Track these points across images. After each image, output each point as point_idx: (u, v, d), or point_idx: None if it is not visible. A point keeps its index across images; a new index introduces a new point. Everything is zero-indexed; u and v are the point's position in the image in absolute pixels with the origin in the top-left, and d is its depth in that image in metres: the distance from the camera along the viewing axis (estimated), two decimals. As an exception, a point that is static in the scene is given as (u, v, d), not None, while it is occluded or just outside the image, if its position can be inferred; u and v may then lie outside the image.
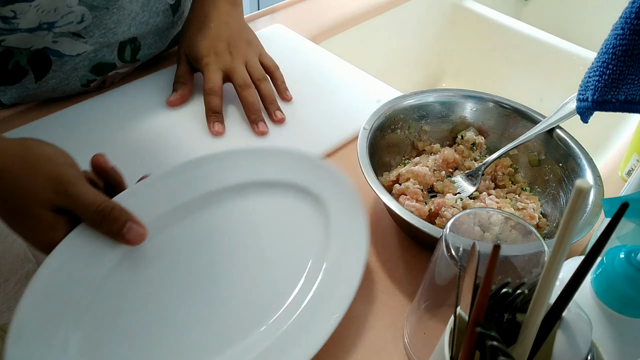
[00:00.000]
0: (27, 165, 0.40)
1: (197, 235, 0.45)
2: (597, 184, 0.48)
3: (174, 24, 0.71)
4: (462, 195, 0.53)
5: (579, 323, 0.28)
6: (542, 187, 0.55)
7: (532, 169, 0.56)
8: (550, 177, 0.54)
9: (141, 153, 0.59)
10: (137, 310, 0.41)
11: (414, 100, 0.58)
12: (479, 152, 0.58)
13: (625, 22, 0.40)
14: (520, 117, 0.57)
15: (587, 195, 0.22)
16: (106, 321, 0.40)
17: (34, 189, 0.40)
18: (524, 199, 0.53)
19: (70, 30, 0.57)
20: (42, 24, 0.55)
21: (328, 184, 0.49)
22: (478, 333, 0.25)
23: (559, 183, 0.53)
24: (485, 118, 0.59)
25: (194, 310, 0.41)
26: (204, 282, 0.43)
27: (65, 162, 0.42)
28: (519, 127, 0.57)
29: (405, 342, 0.44)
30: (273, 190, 0.49)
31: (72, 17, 0.56)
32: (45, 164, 0.41)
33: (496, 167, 0.57)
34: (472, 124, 0.59)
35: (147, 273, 0.42)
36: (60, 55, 0.60)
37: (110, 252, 0.41)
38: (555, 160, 0.54)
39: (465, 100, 0.59)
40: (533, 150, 0.56)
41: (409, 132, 0.58)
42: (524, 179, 0.56)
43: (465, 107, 0.59)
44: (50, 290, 0.39)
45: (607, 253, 0.33)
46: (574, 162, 0.52)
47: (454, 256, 0.34)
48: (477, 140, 0.58)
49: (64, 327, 0.38)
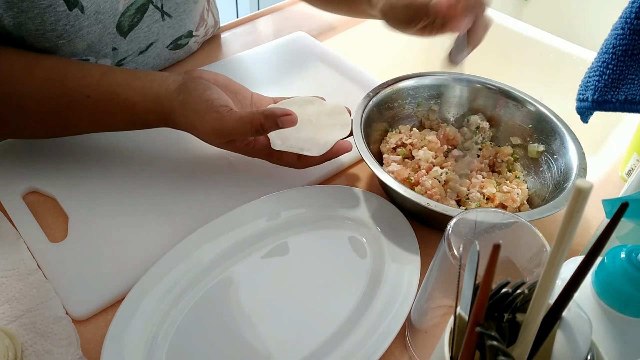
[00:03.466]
0: (188, 112, 0.51)
1: (264, 266, 0.50)
2: (579, 175, 0.51)
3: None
4: (447, 169, 0.55)
5: (579, 323, 0.28)
6: (535, 177, 0.57)
7: (532, 160, 0.58)
8: (545, 168, 0.57)
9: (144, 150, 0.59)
10: (214, 332, 0.44)
11: (428, 80, 0.61)
12: (481, 136, 0.60)
13: (625, 22, 0.40)
14: (521, 106, 0.60)
15: (587, 195, 0.22)
16: (189, 340, 0.44)
17: (202, 132, 0.51)
18: (512, 184, 0.55)
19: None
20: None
21: (381, 217, 0.53)
22: (478, 333, 0.25)
23: (549, 171, 0.56)
24: (491, 105, 0.62)
25: (264, 335, 0.44)
26: (272, 308, 0.46)
27: (214, 104, 0.50)
28: (522, 115, 0.60)
29: (407, 341, 0.44)
30: (327, 225, 0.53)
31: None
32: (200, 108, 0.50)
33: (497, 154, 0.59)
34: (484, 111, 0.62)
35: (222, 302, 0.46)
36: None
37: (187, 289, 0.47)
38: (550, 152, 0.57)
39: (477, 87, 0.62)
40: (534, 142, 0.58)
41: (417, 110, 0.62)
42: (522, 168, 0.59)
43: (478, 95, 0.62)
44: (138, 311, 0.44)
45: (608, 253, 0.33)
46: (564, 151, 0.55)
47: (456, 255, 0.34)
48: (481, 125, 0.60)
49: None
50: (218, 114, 0.49)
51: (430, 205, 0.47)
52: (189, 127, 0.52)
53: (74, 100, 0.52)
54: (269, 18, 0.88)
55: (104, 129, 0.56)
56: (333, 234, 0.52)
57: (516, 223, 0.37)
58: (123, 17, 0.60)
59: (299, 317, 0.45)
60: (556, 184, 0.53)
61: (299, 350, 0.43)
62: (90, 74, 0.52)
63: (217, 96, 0.51)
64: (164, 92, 0.52)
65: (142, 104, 0.52)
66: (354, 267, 0.49)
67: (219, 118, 0.49)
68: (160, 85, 0.52)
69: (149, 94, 0.52)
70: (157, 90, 0.52)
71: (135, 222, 0.52)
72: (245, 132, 0.49)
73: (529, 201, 0.55)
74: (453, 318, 0.29)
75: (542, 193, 0.55)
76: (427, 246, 0.51)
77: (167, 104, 0.52)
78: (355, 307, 0.46)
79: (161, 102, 0.52)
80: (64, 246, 0.50)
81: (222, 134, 0.50)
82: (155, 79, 0.53)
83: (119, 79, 0.52)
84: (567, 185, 0.50)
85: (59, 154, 0.59)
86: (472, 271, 0.27)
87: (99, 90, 0.52)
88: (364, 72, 0.74)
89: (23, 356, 0.41)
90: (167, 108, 0.52)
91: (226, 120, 0.49)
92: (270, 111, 0.49)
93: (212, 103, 0.50)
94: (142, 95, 0.52)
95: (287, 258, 0.50)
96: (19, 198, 0.54)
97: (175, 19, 0.67)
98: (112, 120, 0.54)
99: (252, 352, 0.43)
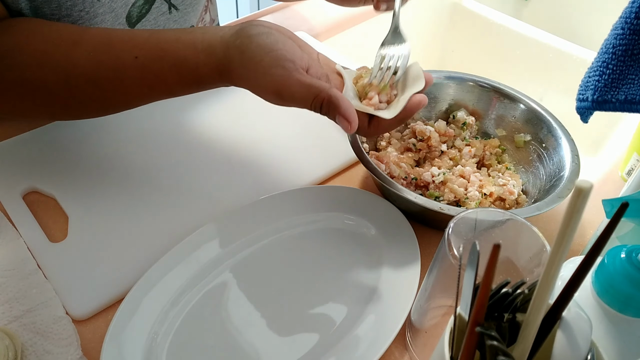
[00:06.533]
0: (246, 59, 0.44)
1: (268, 263, 0.50)
2: (574, 162, 0.52)
3: None
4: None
5: (579, 323, 0.28)
6: (526, 167, 0.58)
7: (518, 150, 0.59)
8: (534, 157, 0.58)
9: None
10: (214, 332, 0.44)
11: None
12: (469, 131, 0.61)
13: (625, 22, 0.40)
14: (503, 97, 0.61)
15: (588, 195, 0.22)
16: (188, 340, 0.44)
17: (260, 88, 0.44)
18: (506, 176, 0.56)
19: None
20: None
21: (382, 217, 0.53)
22: (478, 333, 0.25)
23: (540, 161, 0.56)
24: (473, 99, 0.62)
25: (266, 332, 0.44)
26: (272, 308, 0.46)
27: (280, 57, 0.43)
28: (505, 108, 0.61)
29: (407, 341, 0.44)
30: (326, 225, 0.53)
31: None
32: (263, 57, 0.43)
33: (485, 147, 0.60)
34: (465, 105, 0.63)
35: (222, 302, 0.46)
36: None
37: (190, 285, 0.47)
38: (538, 142, 0.58)
39: (449, 81, 0.62)
40: (519, 132, 0.59)
41: None
42: (510, 159, 0.60)
43: (454, 89, 0.63)
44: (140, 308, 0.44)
45: (608, 253, 0.33)
46: (553, 140, 0.56)
47: (456, 255, 0.34)
48: (467, 120, 0.61)
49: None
50: (285, 71, 0.43)
51: (430, 206, 0.47)
52: (245, 79, 0.45)
53: (122, 64, 0.48)
54: (269, 18, 0.88)
55: (155, 95, 0.50)
56: (333, 234, 0.52)
57: (516, 223, 0.37)
58: (133, 7, 0.60)
59: (298, 317, 0.45)
60: (550, 174, 0.54)
61: (298, 350, 0.43)
62: (138, 35, 0.48)
63: (282, 46, 0.44)
64: (219, 40, 0.46)
65: (193, 58, 0.46)
66: (353, 267, 0.49)
67: (286, 76, 0.42)
68: (213, 35, 0.46)
69: (201, 45, 0.46)
70: (210, 41, 0.46)
71: (135, 222, 0.52)
72: (305, 103, 0.44)
73: (524, 192, 0.56)
74: (453, 318, 0.29)
75: (536, 183, 0.56)
76: (427, 246, 0.51)
77: (221, 52, 0.45)
78: (355, 307, 0.46)
79: (214, 51, 0.45)
80: (64, 246, 0.50)
81: (283, 96, 0.43)
82: (208, 31, 0.47)
83: (167, 36, 0.48)
84: (564, 173, 0.51)
85: (59, 154, 0.59)
86: (472, 271, 0.27)
87: (146, 50, 0.47)
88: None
89: (23, 356, 0.41)
90: (221, 56, 0.45)
91: (293, 81, 0.42)
92: (337, 100, 0.43)
93: (277, 54, 0.43)
94: (192, 48, 0.46)
95: (287, 258, 0.50)
96: (19, 198, 0.54)
97: (182, 12, 0.67)
98: (162, 83, 0.48)
99: (252, 352, 0.43)
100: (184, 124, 0.63)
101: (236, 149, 0.61)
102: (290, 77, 0.42)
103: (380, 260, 0.49)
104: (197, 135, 0.63)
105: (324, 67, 0.49)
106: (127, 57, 0.47)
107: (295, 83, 0.42)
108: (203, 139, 0.62)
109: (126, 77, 0.48)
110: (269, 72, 0.43)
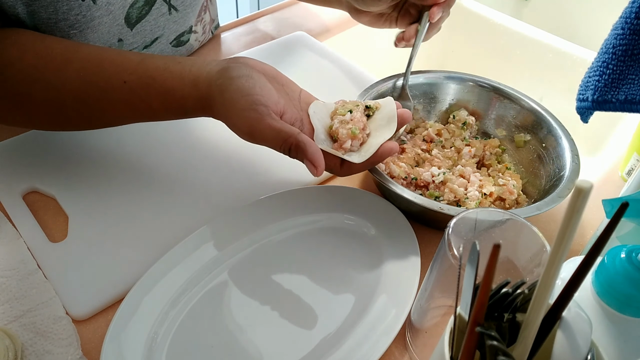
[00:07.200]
0: (225, 99, 0.46)
1: (270, 262, 0.50)
2: (574, 162, 0.52)
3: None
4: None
5: (579, 323, 0.28)
6: (526, 167, 0.58)
7: (518, 150, 0.59)
8: (534, 157, 0.58)
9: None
10: (214, 332, 0.44)
11: (404, 81, 0.62)
12: (469, 131, 0.61)
13: (625, 22, 0.40)
14: (503, 97, 0.61)
15: (588, 195, 0.22)
16: (188, 340, 0.44)
17: (235, 127, 0.47)
18: (506, 176, 0.56)
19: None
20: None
21: (382, 217, 0.53)
22: (478, 333, 0.25)
23: (540, 161, 0.57)
24: (473, 99, 0.63)
25: (267, 331, 0.45)
26: (272, 308, 0.46)
27: (255, 101, 0.46)
28: (505, 108, 0.61)
29: (407, 341, 0.44)
30: (326, 225, 0.53)
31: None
32: (239, 100, 0.46)
33: (485, 147, 0.60)
34: (465, 105, 0.63)
35: (222, 302, 0.46)
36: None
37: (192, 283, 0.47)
38: (538, 142, 0.58)
39: (449, 81, 0.63)
40: (519, 132, 0.60)
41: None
42: (510, 159, 0.60)
43: (454, 89, 0.63)
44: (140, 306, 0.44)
45: (608, 253, 0.33)
46: (553, 140, 0.56)
47: (456, 255, 0.34)
48: (467, 120, 0.61)
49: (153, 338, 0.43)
50: (257, 114, 0.45)
51: (430, 206, 0.47)
52: (223, 117, 0.48)
53: (111, 86, 0.49)
54: (269, 18, 0.88)
55: (140, 118, 0.52)
56: (333, 234, 0.52)
57: (516, 223, 0.37)
58: (132, 9, 0.60)
59: (298, 317, 0.45)
60: (550, 174, 0.54)
61: (298, 350, 0.43)
62: (129, 59, 0.50)
63: (259, 91, 0.47)
64: (205, 76, 0.48)
65: (179, 88, 0.48)
66: (353, 267, 0.49)
67: (258, 119, 0.45)
68: (200, 69, 0.49)
69: (188, 77, 0.48)
70: (196, 74, 0.48)
71: (135, 222, 0.52)
72: (275, 146, 0.46)
73: (524, 192, 0.56)
74: (453, 318, 0.29)
75: (536, 183, 0.56)
76: (427, 246, 0.51)
77: (204, 87, 0.48)
78: (355, 307, 0.46)
79: (199, 86, 0.48)
80: (64, 246, 0.50)
81: (255, 137, 0.46)
82: (196, 63, 0.49)
83: (157, 64, 0.49)
84: (563, 173, 0.51)
85: (59, 154, 0.59)
86: (472, 271, 0.27)
87: (136, 75, 0.49)
88: (363, 72, 0.74)
89: (23, 356, 0.41)
90: (204, 93, 0.48)
91: (263, 125, 0.45)
92: (305, 146, 0.45)
93: (253, 99, 0.46)
94: (180, 79, 0.48)
95: (287, 258, 0.50)
96: (19, 198, 0.54)
97: (181, 13, 0.68)
98: (148, 108, 0.50)
99: (252, 352, 0.43)
100: (184, 124, 0.63)
101: (236, 149, 0.61)
102: (262, 121, 0.45)
103: (380, 260, 0.49)
104: (197, 135, 0.63)
105: (304, 105, 0.52)
106: (116, 81, 0.49)
107: (266, 127, 0.45)
108: (203, 139, 0.62)
109: (114, 99, 0.50)
110: (243, 115, 0.46)
